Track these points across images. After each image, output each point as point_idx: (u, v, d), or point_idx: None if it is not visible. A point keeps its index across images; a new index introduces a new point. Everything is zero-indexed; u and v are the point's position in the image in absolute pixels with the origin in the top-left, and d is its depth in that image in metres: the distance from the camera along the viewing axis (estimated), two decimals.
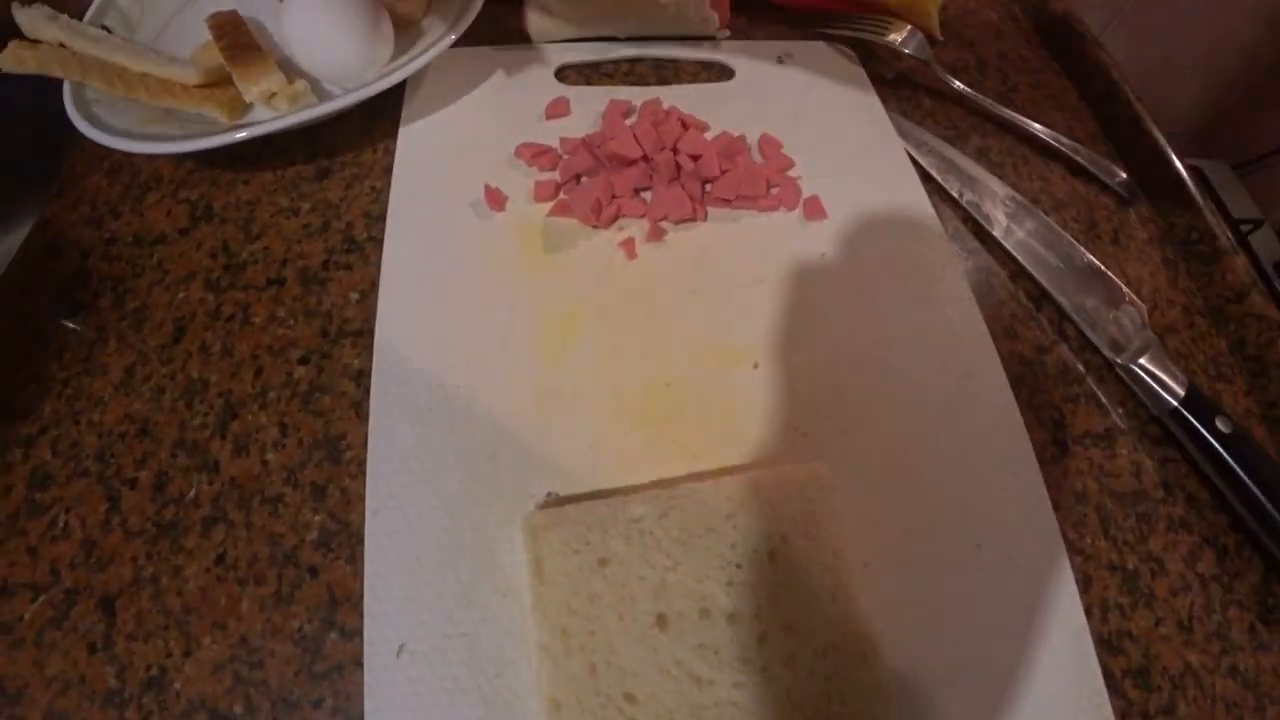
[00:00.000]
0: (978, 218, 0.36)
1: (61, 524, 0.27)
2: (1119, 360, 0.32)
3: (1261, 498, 0.28)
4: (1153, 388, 0.31)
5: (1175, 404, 0.30)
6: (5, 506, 0.27)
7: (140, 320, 0.32)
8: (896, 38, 0.42)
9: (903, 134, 0.39)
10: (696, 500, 0.24)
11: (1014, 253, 0.35)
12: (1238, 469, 0.28)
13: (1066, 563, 0.27)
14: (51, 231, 0.35)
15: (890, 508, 0.27)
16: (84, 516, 0.27)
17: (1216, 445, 0.29)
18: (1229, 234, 0.37)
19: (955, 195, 0.37)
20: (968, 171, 0.38)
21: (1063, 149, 0.40)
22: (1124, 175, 0.40)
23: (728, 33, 0.42)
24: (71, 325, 0.32)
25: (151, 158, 0.37)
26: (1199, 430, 0.29)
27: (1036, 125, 0.40)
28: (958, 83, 0.41)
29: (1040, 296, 0.35)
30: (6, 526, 0.27)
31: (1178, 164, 0.39)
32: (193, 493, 0.28)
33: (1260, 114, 0.74)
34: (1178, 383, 0.30)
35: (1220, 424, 0.29)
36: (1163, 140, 0.40)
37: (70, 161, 0.37)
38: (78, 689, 0.24)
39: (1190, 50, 0.72)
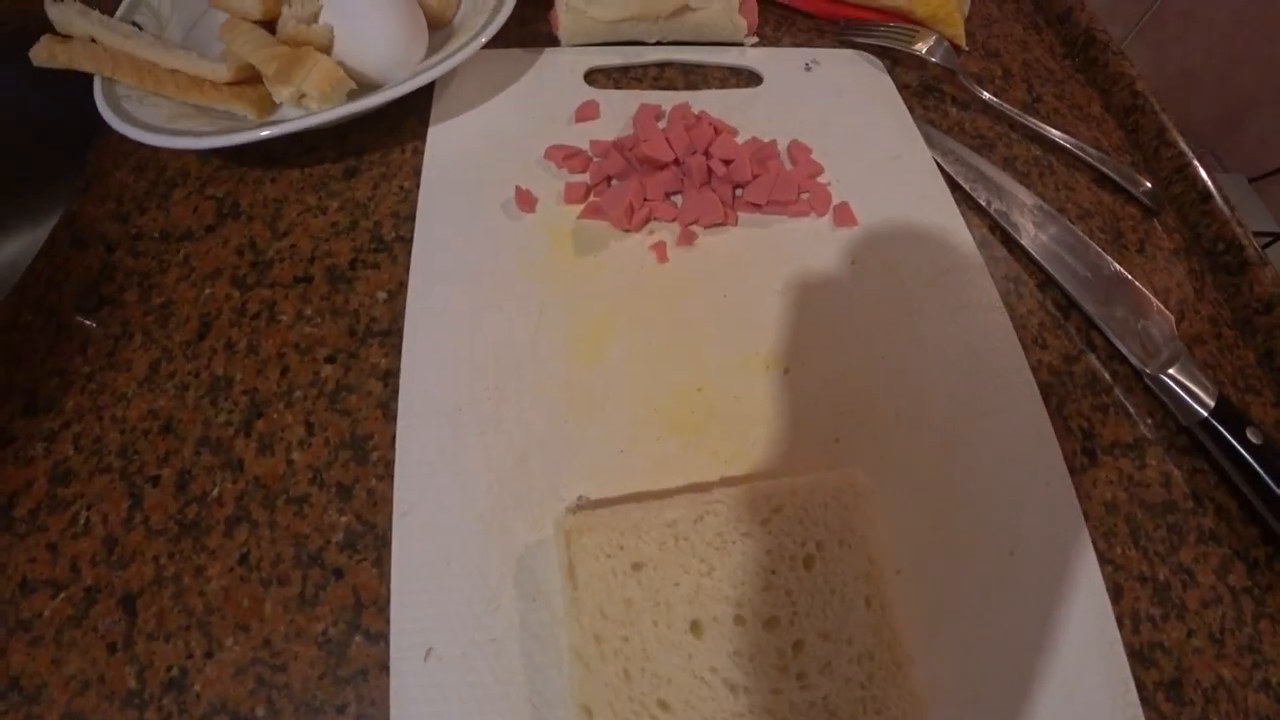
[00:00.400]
0: (1005, 226, 0.36)
1: (83, 520, 0.27)
2: (1148, 370, 0.32)
3: None
4: (1182, 398, 0.30)
5: (1205, 414, 0.30)
6: (26, 502, 0.27)
7: (166, 316, 0.32)
8: (923, 47, 0.42)
9: (930, 142, 0.39)
10: (732, 505, 0.23)
11: (1042, 261, 0.35)
12: (1268, 480, 0.28)
13: (1098, 572, 0.26)
14: (78, 226, 0.35)
15: (922, 515, 0.27)
16: (106, 513, 0.27)
17: (1247, 456, 0.29)
18: (1256, 245, 0.37)
19: (983, 204, 0.37)
20: (995, 180, 0.38)
21: (1088, 159, 0.40)
22: (1149, 185, 0.39)
23: (755, 39, 0.42)
24: (89, 323, 0.31)
25: (178, 154, 0.37)
26: (1229, 441, 0.29)
27: (1062, 135, 0.40)
28: (984, 92, 0.41)
29: (1068, 306, 0.35)
30: (27, 522, 0.27)
31: (1204, 175, 0.39)
32: (216, 491, 0.28)
33: (1276, 128, 0.75)
34: (1207, 393, 0.30)
35: (1251, 435, 0.29)
36: (1189, 151, 0.40)
37: (97, 157, 0.37)
38: (97, 689, 0.24)
39: (1207, 64, 0.73)
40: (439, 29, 0.39)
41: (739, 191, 0.34)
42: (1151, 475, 0.30)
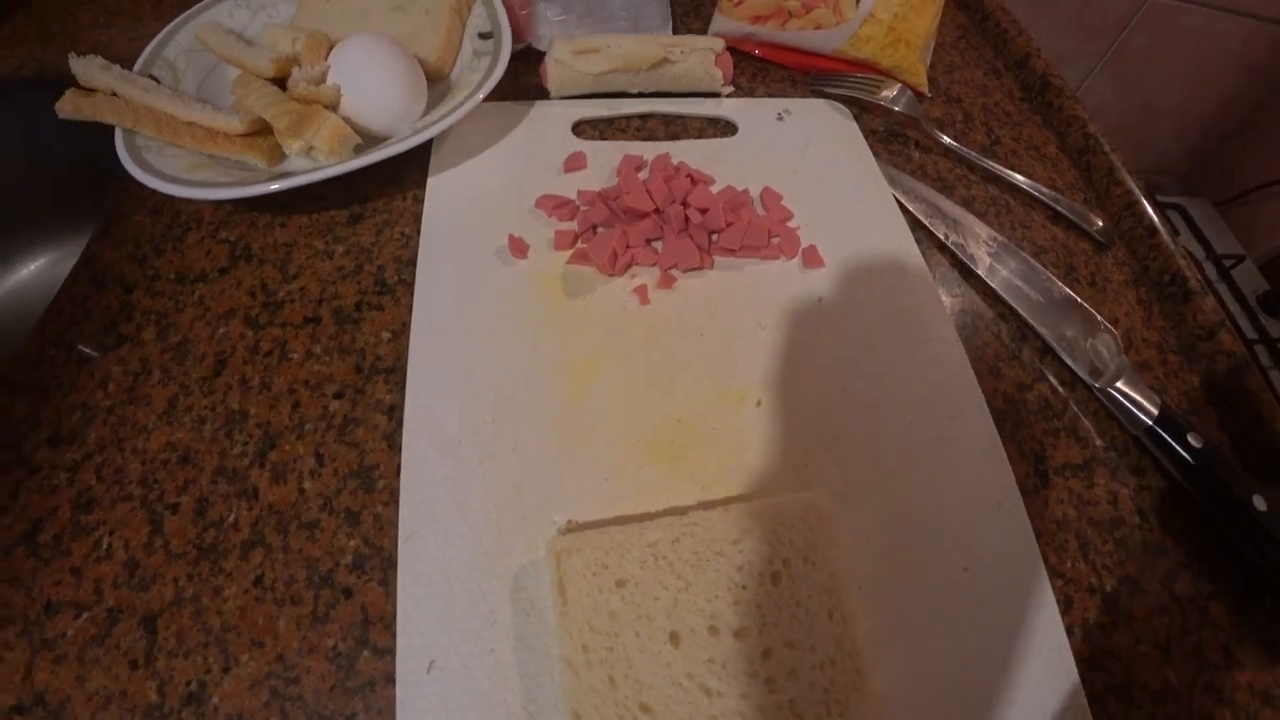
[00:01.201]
0: (964, 258, 0.39)
1: (105, 545, 0.29)
2: (1097, 385, 0.34)
3: (1232, 507, 0.30)
4: (1129, 408, 0.33)
5: (1150, 422, 0.33)
6: (51, 528, 0.29)
7: (183, 354, 0.34)
8: (888, 95, 0.45)
9: (893, 183, 0.42)
10: (706, 527, 0.26)
11: (998, 289, 0.38)
12: (1208, 482, 0.31)
13: (1048, 585, 0.29)
14: (96, 266, 0.37)
15: (883, 534, 0.29)
16: (127, 538, 0.29)
17: (1188, 458, 0.31)
18: (1199, 276, 0.40)
19: (942, 238, 0.40)
20: (953, 216, 0.41)
21: (1043, 198, 0.43)
22: (1100, 223, 0.43)
23: (731, 88, 0.46)
24: (93, 353, 0.33)
25: (193, 201, 0.39)
26: (1172, 446, 0.32)
27: (1019, 176, 0.44)
28: (945, 137, 0.45)
29: (1021, 337, 0.38)
30: (51, 547, 0.29)
31: (1150, 211, 0.42)
32: (233, 517, 0.30)
33: (1239, 154, 0.79)
34: (1151, 403, 0.33)
35: (1192, 439, 0.32)
36: (1136, 190, 0.43)
37: (114, 201, 0.40)
38: (118, 703, 0.25)
39: (1170, 95, 0.77)
40: (436, 82, 0.42)
41: (714, 237, 0.37)
42: (1100, 494, 0.33)
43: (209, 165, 0.37)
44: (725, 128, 0.45)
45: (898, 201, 0.41)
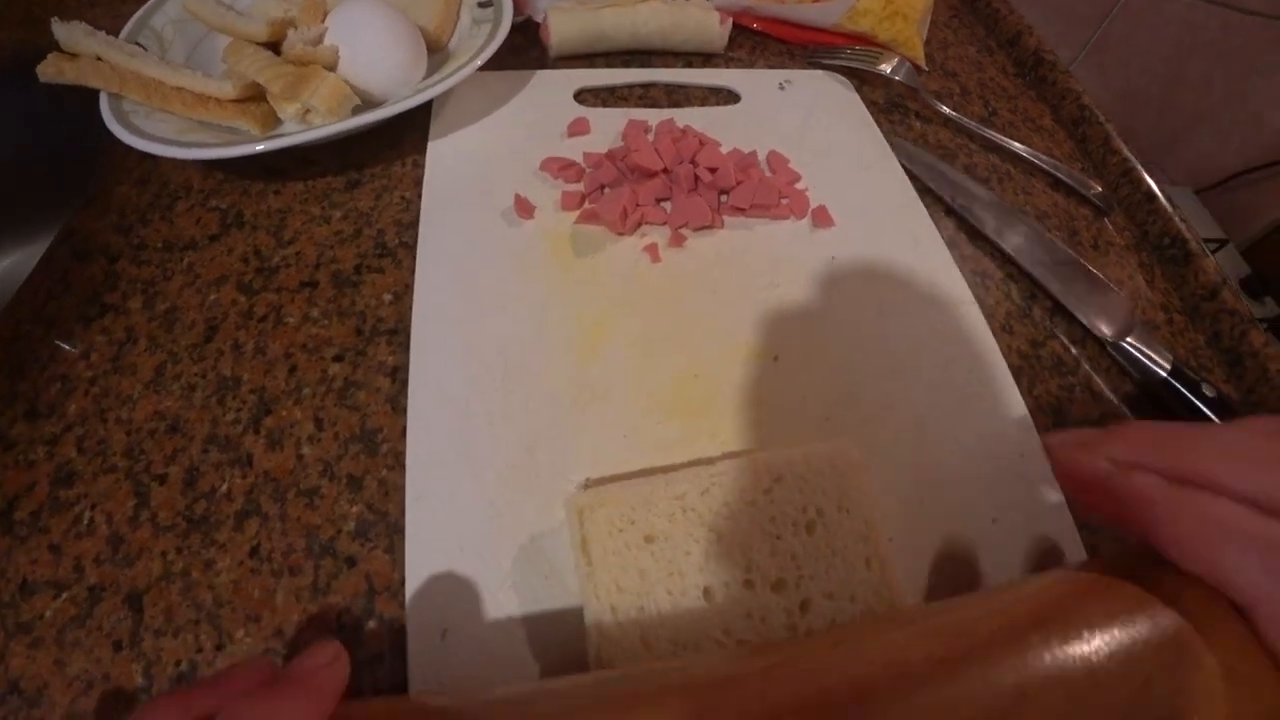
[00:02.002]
0: (971, 220, 0.39)
1: (87, 520, 0.27)
2: (1110, 338, 0.34)
3: None
4: (1143, 362, 0.33)
5: (1165, 374, 0.33)
6: (27, 504, 0.27)
7: (171, 321, 0.32)
8: (887, 67, 0.45)
9: (898, 150, 0.42)
10: (735, 476, 0.25)
11: (1006, 249, 0.38)
12: None
13: (1076, 534, 0.28)
14: (78, 239, 0.35)
15: (910, 486, 0.28)
16: (110, 512, 0.27)
17: (1205, 409, 0.31)
18: (1199, 239, 0.40)
19: (948, 200, 0.40)
20: (957, 181, 0.41)
21: (1042, 165, 0.43)
22: (1099, 189, 0.43)
23: (730, 22, 0.45)
24: (67, 347, 0.31)
25: (181, 169, 0.38)
26: (1188, 397, 0.32)
27: (1018, 145, 0.44)
28: (944, 107, 0.45)
29: (1031, 297, 0.37)
30: (28, 524, 0.27)
31: (1148, 178, 0.43)
32: (225, 487, 0.28)
33: (1218, 141, 0.80)
34: (1164, 357, 0.33)
35: (1206, 390, 0.32)
36: (1133, 158, 0.44)
37: (99, 174, 0.38)
38: (101, 687, 0.24)
39: (1150, 85, 0.79)
40: (435, 53, 0.41)
41: (724, 197, 0.37)
42: None
43: (198, 131, 0.36)
44: (728, 97, 0.44)
45: (904, 167, 0.41)
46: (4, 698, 0.23)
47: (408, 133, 0.39)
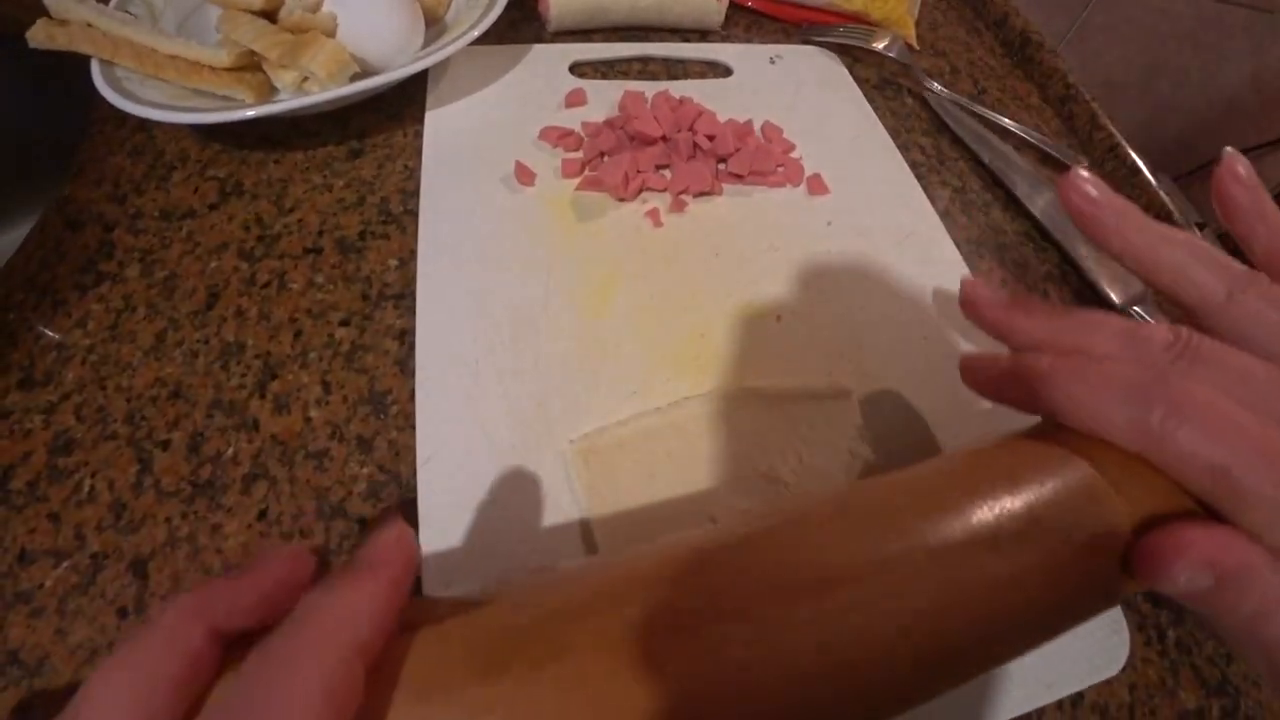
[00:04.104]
0: (1006, 183, 0.41)
1: (87, 488, 0.27)
2: (1120, 304, 0.35)
3: None
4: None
5: None
6: (23, 474, 0.27)
7: (171, 288, 0.32)
8: (880, 44, 0.46)
9: (944, 114, 0.44)
10: (727, 412, 0.25)
11: (1036, 215, 0.39)
12: None
13: None
14: (72, 208, 0.35)
15: (912, 438, 0.29)
16: (112, 479, 0.27)
17: None
18: (1184, 213, 0.42)
19: (986, 162, 0.42)
20: (997, 148, 0.42)
21: (1032, 140, 0.44)
22: (1086, 163, 0.44)
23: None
24: (51, 333, 0.31)
25: (176, 139, 0.37)
26: None
27: (1008, 121, 0.45)
28: (936, 85, 0.46)
29: (1023, 266, 0.38)
30: (25, 494, 0.26)
31: (1132, 154, 0.44)
32: (231, 451, 0.28)
33: (1195, 129, 0.83)
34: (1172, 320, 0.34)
35: None
36: (1117, 134, 0.45)
37: (89, 145, 0.37)
38: (106, 656, 0.23)
39: (1129, 74, 0.80)
40: (431, 25, 0.41)
41: (722, 165, 0.37)
42: None
43: (192, 99, 0.35)
44: (722, 71, 0.45)
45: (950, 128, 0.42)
46: (4, 668, 0.23)
47: (407, 103, 0.39)
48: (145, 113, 0.32)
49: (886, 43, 0.46)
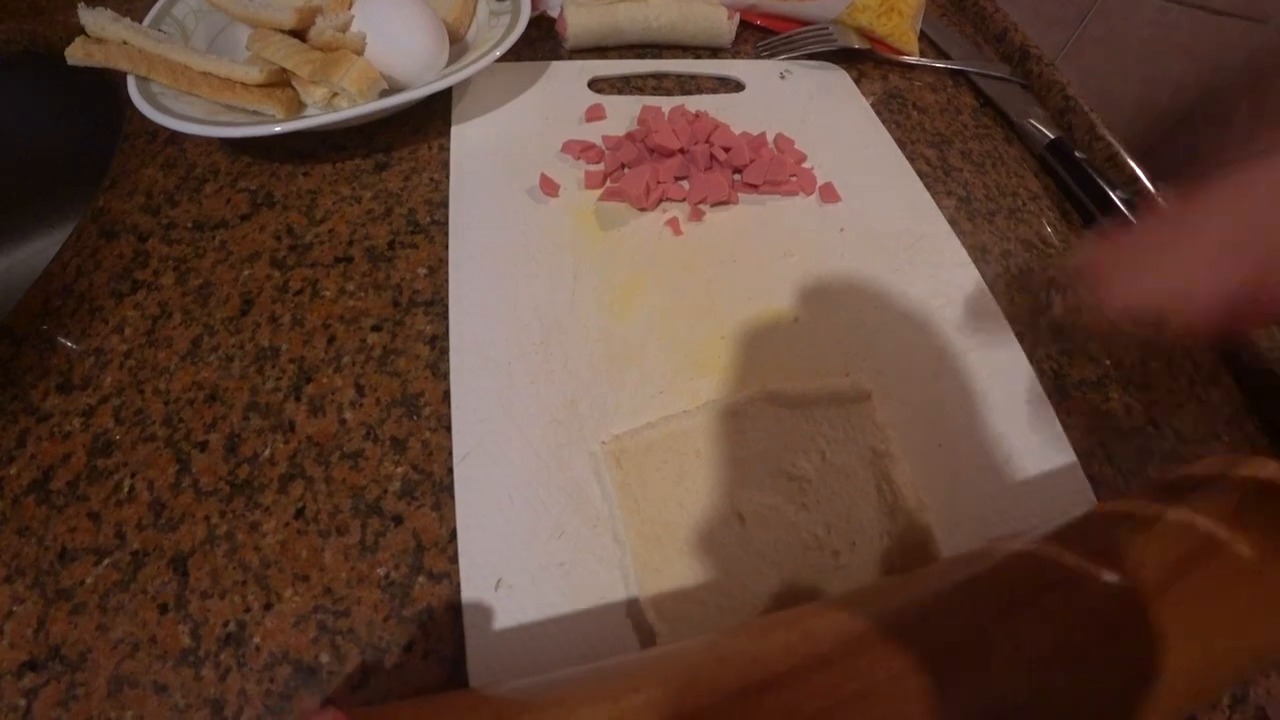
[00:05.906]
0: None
1: (127, 488, 0.27)
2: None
3: None
4: None
5: None
6: (64, 474, 0.27)
7: (205, 296, 0.33)
8: (839, 39, 0.47)
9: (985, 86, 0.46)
10: (752, 414, 0.26)
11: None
12: None
13: (1080, 472, 0.30)
14: (106, 219, 0.36)
15: (927, 436, 0.30)
16: (152, 479, 0.27)
17: None
18: None
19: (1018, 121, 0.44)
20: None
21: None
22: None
23: (738, 17, 0.47)
24: (70, 344, 0.32)
25: (207, 153, 0.38)
26: None
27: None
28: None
29: (1028, 269, 0.39)
30: (65, 494, 0.27)
31: (1131, 163, 0.45)
32: (268, 452, 0.28)
33: (1192, 141, 0.84)
34: None
35: None
36: (1117, 144, 0.46)
37: (121, 158, 0.38)
38: (148, 650, 0.24)
39: (1125, 86, 0.82)
40: (454, 44, 0.42)
41: (737, 175, 0.38)
42: (1115, 407, 0.34)
43: (224, 115, 0.36)
44: (734, 86, 0.46)
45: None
46: (45, 664, 0.24)
47: (432, 119, 0.40)
48: (181, 126, 0.33)
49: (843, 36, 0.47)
